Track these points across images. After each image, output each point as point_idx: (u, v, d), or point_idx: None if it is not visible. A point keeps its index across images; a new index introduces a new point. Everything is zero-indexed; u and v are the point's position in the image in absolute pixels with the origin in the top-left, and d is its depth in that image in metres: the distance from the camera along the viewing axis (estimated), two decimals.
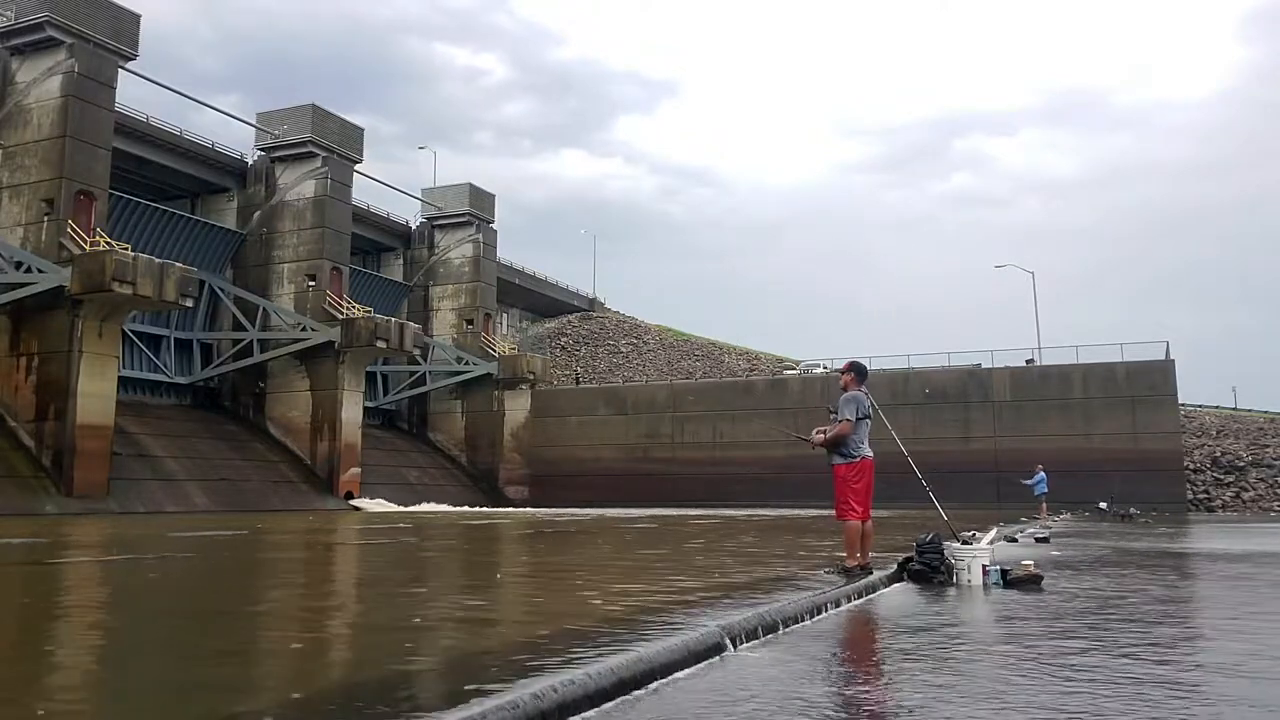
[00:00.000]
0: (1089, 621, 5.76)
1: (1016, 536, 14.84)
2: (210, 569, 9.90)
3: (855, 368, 7.87)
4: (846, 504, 7.57)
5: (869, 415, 7.68)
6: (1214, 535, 18.56)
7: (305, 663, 3.91)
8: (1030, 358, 41.03)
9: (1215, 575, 10.06)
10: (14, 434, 27.79)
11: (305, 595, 7.14)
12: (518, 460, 45.37)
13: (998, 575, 7.67)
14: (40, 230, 28.96)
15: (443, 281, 48.57)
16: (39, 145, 29.64)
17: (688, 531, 16.61)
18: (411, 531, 17.81)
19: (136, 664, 3.87)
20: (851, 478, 7.54)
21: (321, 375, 37.26)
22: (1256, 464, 38.46)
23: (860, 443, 7.59)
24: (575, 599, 6.13)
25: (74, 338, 27.64)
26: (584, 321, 61.06)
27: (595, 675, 3.41)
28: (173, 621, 5.37)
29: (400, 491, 38.25)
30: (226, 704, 3.12)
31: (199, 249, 38.13)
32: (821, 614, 5.79)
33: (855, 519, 7.54)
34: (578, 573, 8.46)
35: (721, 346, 56.35)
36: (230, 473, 33.22)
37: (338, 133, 40.25)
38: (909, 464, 8.27)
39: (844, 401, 7.62)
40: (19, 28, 30.01)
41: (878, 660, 4.63)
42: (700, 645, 4.23)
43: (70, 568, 10.15)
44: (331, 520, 24.40)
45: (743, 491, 38.58)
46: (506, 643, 4.27)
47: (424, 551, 12.67)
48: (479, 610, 5.83)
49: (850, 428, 7.50)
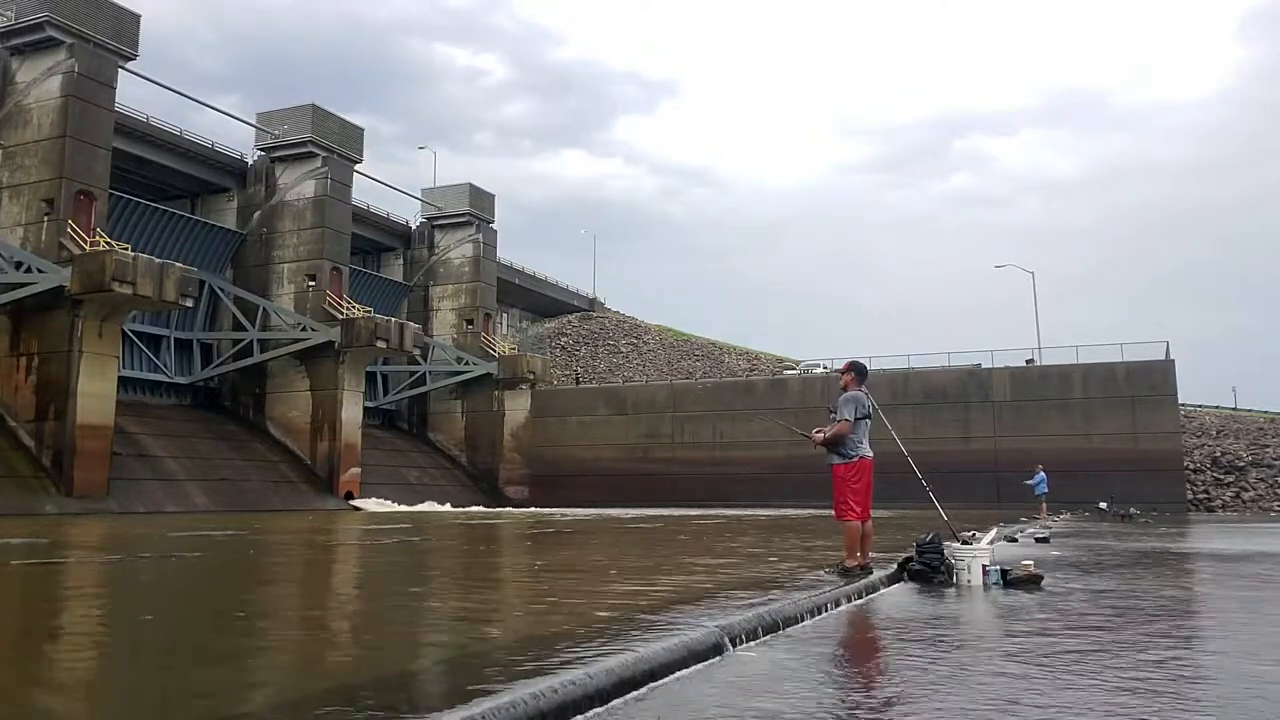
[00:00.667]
0: (1089, 621, 5.76)
1: (1016, 536, 14.84)
2: (209, 569, 9.89)
3: (855, 367, 7.86)
4: (845, 504, 7.55)
5: (869, 415, 7.65)
6: (1214, 535, 18.55)
7: (304, 663, 3.90)
8: (1030, 358, 41.03)
9: (1215, 575, 10.05)
10: (14, 434, 27.79)
11: (304, 595, 7.14)
12: (518, 460, 45.37)
13: (998, 575, 7.67)
14: (40, 230, 28.97)
15: (443, 281, 48.59)
16: (39, 145, 29.65)
17: (688, 531, 16.61)
18: (412, 531, 17.81)
19: (135, 664, 3.87)
20: (850, 478, 7.52)
21: (321, 375, 37.26)
22: (1256, 464, 38.45)
23: (859, 442, 7.57)
24: (575, 598, 6.12)
25: (74, 338, 27.64)
26: (584, 321, 61.08)
27: (595, 675, 3.41)
28: (170, 621, 5.36)
29: (400, 491, 38.26)
30: (225, 704, 3.11)
31: (199, 249, 38.13)
32: (821, 614, 5.79)
33: (855, 519, 7.53)
34: (578, 572, 8.45)
35: (721, 346, 56.36)
36: (230, 473, 33.22)
37: (338, 133, 40.25)
38: (909, 464, 8.27)
39: (843, 401, 7.60)
40: (19, 28, 30.02)
41: (877, 660, 4.63)
42: (700, 645, 4.23)
43: (70, 568, 10.15)
44: (331, 520, 24.40)
45: (743, 491, 38.58)
46: (506, 643, 4.27)
47: (424, 551, 12.67)
48: (479, 610, 5.83)
49: (849, 427, 7.48)
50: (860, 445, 7.56)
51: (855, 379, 7.77)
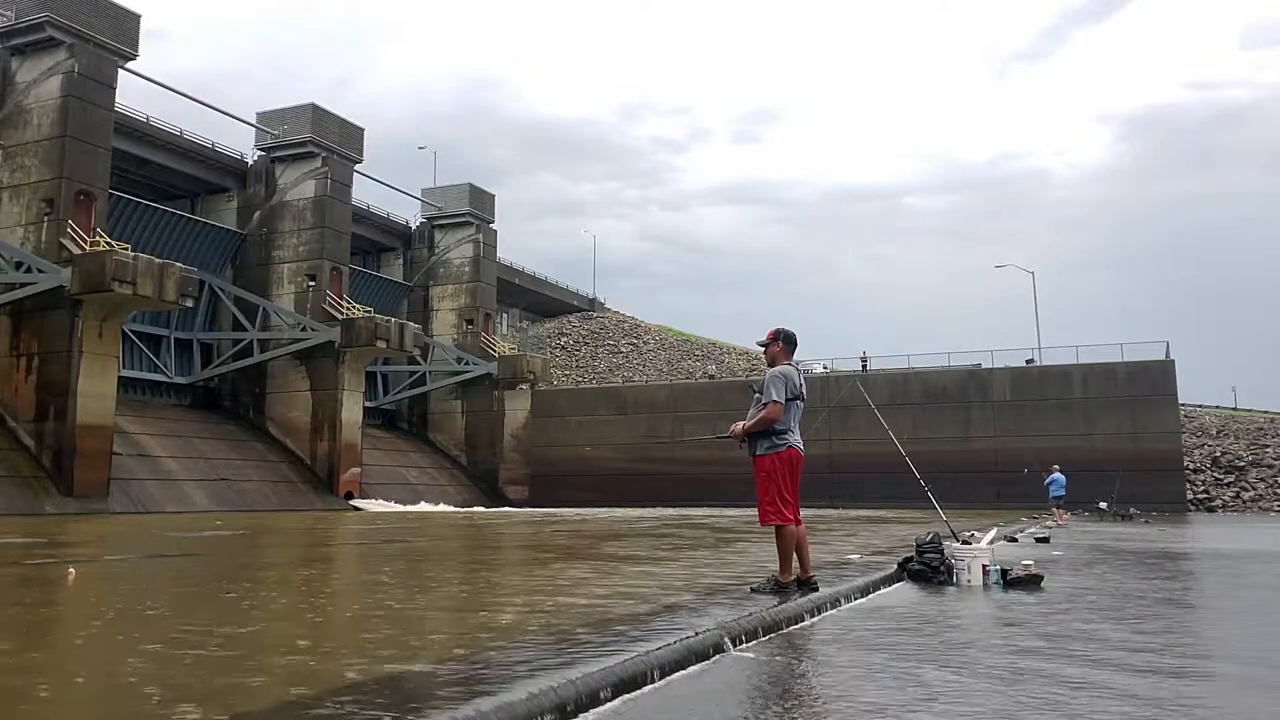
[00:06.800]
0: (1089, 621, 5.75)
1: (1016, 536, 14.83)
2: (207, 569, 9.89)
3: (783, 335, 6.42)
4: (774, 504, 6.08)
5: (801, 395, 6.24)
6: (1214, 535, 18.56)
7: (304, 662, 3.90)
8: (1030, 358, 41.03)
9: (1215, 574, 10.05)
10: (14, 434, 27.78)
11: (303, 595, 7.13)
12: (518, 460, 45.36)
13: (998, 575, 7.67)
14: (40, 230, 28.96)
15: (443, 281, 48.59)
16: (39, 145, 29.64)
17: (687, 531, 16.59)
18: (412, 531, 17.81)
19: (135, 663, 3.87)
20: (780, 471, 6.09)
21: (321, 375, 37.25)
22: (1256, 464, 38.45)
23: (790, 429, 6.15)
24: (575, 598, 6.11)
25: (74, 338, 27.63)
26: (584, 321, 61.08)
27: (593, 676, 3.41)
28: (168, 621, 5.36)
29: (400, 491, 38.27)
30: (224, 704, 3.11)
31: (199, 249, 38.13)
32: (821, 614, 5.79)
33: (789, 522, 6.11)
34: (577, 571, 8.44)
35: (722, 346, 56.38)
36: (230, 473, 33.22)
37: (338, 132, 40.25)
38: (908, 464, 8.27)
39: (771, 378, 6.12)
40: (19, 28, 30.01)
41: (876, 660, 4.62)
42: (700, 645, 4.23)
43: (68, 567, 10.13)
44: (331, 520, 24.39)
45: (743, 491, 38.07)
46: (506, 643, 4.26)
47: (424, 551, 12.66)
48: (478, 610, 5.82)
49: (780, 410, 6.04)
50: (790, 434, 6.14)
51: (785, 350, 6.37)
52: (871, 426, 6.84)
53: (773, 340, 6.40)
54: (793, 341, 6.45)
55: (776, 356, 6.34)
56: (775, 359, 6.33)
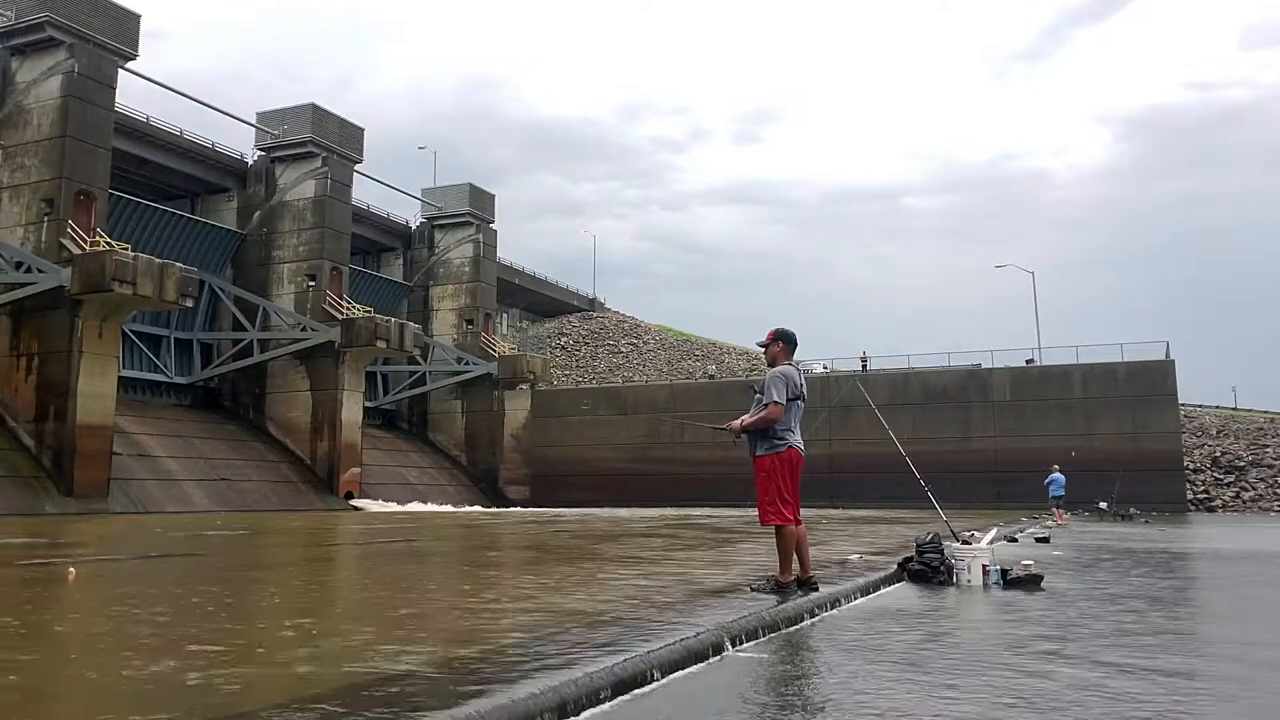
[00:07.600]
0: (1089, 621, 5.75)
1: (1016, 536, 14.83)
2: (206, 569, 9.89)
3: (784, 336, 6.45)
4: (774, 504, 6.14)
5: (802, 396, 6.28)
6: (1214, 535, 18.56)
7: (303, 662, 3.90)
8: (1030, 358, 41.03)
9: (1215, 574, 10.05)
10: (14, 434, 27.77)
11: (302, 595, 7.13)
12: (518, 460, 45.35)
13: (998, 575, 7.66)
14: (40, 230, 28.95)
15: (443, 281, 48.58)
16: (39, 145, 29.63)
17: (688, 532, 16.59)
18: (412, 531, 17.80)
19: (134, 663, 3.86)
20: (779, 471, 6.15)
21: (321, 375, 37.24)
22: (1256, 464, 38.45)
23: (790, 429, 6.20)
24: (574, 598, 6.11)
25: (74, 338, 27.62)
26: (584, 321, 61.06)
27: (593, 676, 3.41)
28: (167, 621, 5.36)
29: (400, 491, 38.25)
30: (223, 703, 3.11)
31: (199, 249, 38.12)
32: (821, 614, 5.79)
33: (789, 523, 6.17)
34: (578, 571, 8.44)
35: (722, 346, 56.36)
36: (230, 473, 33.20)
37: (338, 133, 40.24)
38: (908, 464, 8.26)
39: (772, 379, 6.18)
40: (19, 28, 30.00)
41: (875, 660, 4.62)
42: (700, 646, 4.23)
43: (68, 567, 10.13)
44: (331, 520, 24.39)
45: (744, 491, 38.16)
46: (506, 642, 4.26)
47: (425, 551, 12.66)
48: (478, 610, 5.82)
49: (781, 411, 6.09)
50: (790, 434, 6.19)
51: (785, 350, 6.41)
52: (871, 426, 6.84)
53: (773, 340, 6.42)
54: (793, 342, 6.47)
55: (777, 357, 6.36)
56: (775, 359, 6.36)
